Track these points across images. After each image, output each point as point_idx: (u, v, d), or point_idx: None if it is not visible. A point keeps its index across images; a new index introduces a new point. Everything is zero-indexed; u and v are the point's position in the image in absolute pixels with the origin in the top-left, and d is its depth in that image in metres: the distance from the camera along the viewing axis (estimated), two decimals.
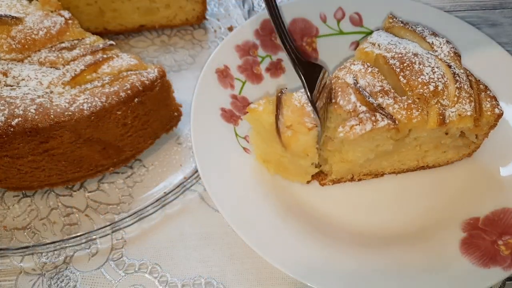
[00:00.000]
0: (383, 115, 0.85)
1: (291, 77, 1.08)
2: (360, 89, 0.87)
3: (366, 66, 0.92)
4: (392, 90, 0.89)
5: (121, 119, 0.94)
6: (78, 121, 0.88)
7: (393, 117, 0.85)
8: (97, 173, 1.02)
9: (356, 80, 0.89)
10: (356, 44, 1.21)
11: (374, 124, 0.84)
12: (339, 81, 0.90)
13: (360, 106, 0.86)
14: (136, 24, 1.29)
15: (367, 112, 0.86)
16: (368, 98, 0.86)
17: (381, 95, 0.88)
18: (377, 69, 0.92)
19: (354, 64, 0.93)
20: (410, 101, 0.88)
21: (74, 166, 0.98)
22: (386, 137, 0.90)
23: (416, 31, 1.01)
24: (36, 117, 0.85)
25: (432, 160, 1.05)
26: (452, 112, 0.89)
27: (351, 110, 0.86)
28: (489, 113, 0.92)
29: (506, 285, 0.95)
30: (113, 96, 0.90)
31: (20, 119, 0.85)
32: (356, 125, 0.85)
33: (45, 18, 0.98)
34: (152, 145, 1.08)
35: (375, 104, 0.85)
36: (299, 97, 0.89)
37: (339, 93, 0.88)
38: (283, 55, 1.18)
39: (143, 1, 1.23)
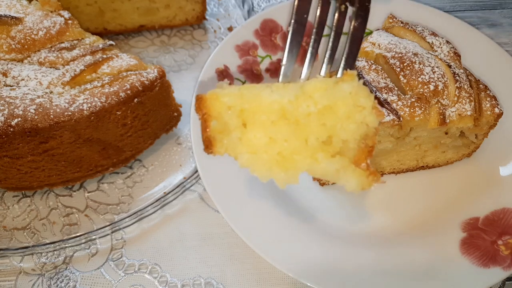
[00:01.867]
0: (389, 110, 0.85)
1: None
2: (367, 84, 0.88)
3: (369, 63, 0.93)
4: (396, 88, 0.90)
5: (120, 119, 0.94)
6: (78, 121, 0.88)
7: (398, 113, 0.86)
8: (96, 173, 1.02)
9: (361, 75, 0.90)
10: None
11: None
12: None
13: None
14: (136, 24, 1.29)
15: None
16: (375, 93, 0.86)
17: (385, 91, 0.88)
18: (380, 67, 0.93)
19: (358, 60, 0.94)
20: (413, 100, 0.88)
21: (73, 166, 0.98)
22: (388, 134, 0.90)
23: (416, 31, 1.01)
24: (36, 117, 0.85)
25: (432, 160, 1.05)
26: (452, 111, 0.89)
27: None
28: (489, 112, 0.92)
29: (506, 285, 0.95)
30: (113, 96, 0.90)
31: (19, 119, 0.85)
32: None
33: (44, 18, 0.98)
34: (152, 145, 1.08)
35: (381, 99, 0.86)
36: None
37: None
38: (282, 55, 1.17)
39: (143, 1, 1.23)
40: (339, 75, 0.70)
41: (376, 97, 0.87)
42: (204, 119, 0.62)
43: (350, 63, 0.71)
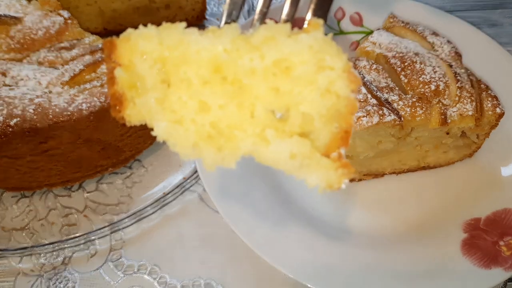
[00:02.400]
0: (390, 110, 0.85)
1: None
2: (368, 83, 0.87)
3: (370, 63, 0.93)
4: (397, 88, 0.90)
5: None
6: (77, 121, 0.87)
7: (399, 113, 0.85)
8: (96, 173, 1.02)
9: (362, 75, 0.90)
10: (357, 44, 1.21)
11: (381, 118, 0.84)
12: None
13: (371, 99, 0.86)
14: (136, 24, 1.27)
15: (375, 105, 0.86)
16: (376, 93, 0.86)
17: (386, 91, 0.88)
18: (381, 66, 0.92)
19: (358, 60, 0.94)
20: (414, 99, 0.88)
21: (73, 167, 0.97)
22: (389, 133, 0.90)
23: (417, 30, 1.01)
24: (35, 117, 0.85)
25: (433, 161, 1.04)
26: (454, 111, 0.89)
27: (362, 100, 0.86)
28: (490, 112, 0.92)
29: (508, 286, 0.95)
30: None
31: (18, 119, 0.84)
32: (363, 116, 0.85)
33: (44, 18, 0.97)
34: (151, 145, 1.07)
35: (382, 99, 0.86)
36: None
37: None
38: None
39: (143, 1, 1.22)
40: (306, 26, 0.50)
41: (376, 97, 0.87)
42: (111, 69, 0.47)
43: (321, 13, 0.51)
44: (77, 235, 0.95)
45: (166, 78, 0.47)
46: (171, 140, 0.49)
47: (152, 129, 0.49)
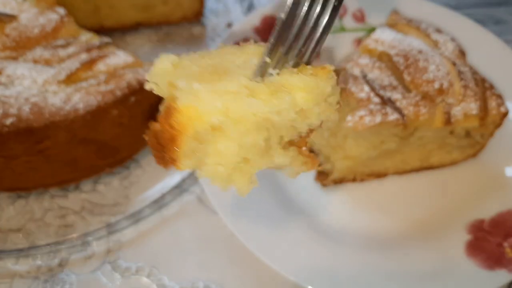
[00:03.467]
0: (393, 109, 0.84)
1: None
2: (370, 82, 0.86)
3: (373, 61, 0.91)
4: (400, 86, 0.88)
5: (117, 118, 0.92)
6: (74, 121, 0.86)
7: (402, 112, 0.84)
8: (93, 173, 1.01)
9: (364, 73, 0.88)
10: (359, 41, 1.19)
11: (384, 117, 0.83)
12: (348, 72, 0.89)
13: (374, 97, 0.85)
14: (133, 20, 1.27)
15: (378, 104, 0.84)
16: (379, 91, 0.85)
17: (389, 89, 0.87)
18: (384, 64, 0.91)
19: (361, 58, 0.92)
20: (417, 98, 0.86)
21: (69, 167, 0.96)
22: (392, 133, 0.89)
23: (421, 28, 0.99)
24: (31, 116, 0.84)
25: (436, 161, 1.03)
26: (458, 111, 0.88)
27: (364, 99, 0.85)
28: (494, 112, 0.90)
29: None
30: (109, 95, 0.88)
31: (14, 118, 0.83)
32: (366, 116, 0.83)
33: (40, 15, 0.96)
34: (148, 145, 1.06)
35: (385, 97, 0.84)
36: None
37: (350, 80, 0.87)
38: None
39: None
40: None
41: (379, 95, 0.85)
42: (172, 137, 0.49)
43: (313, 57, 0.57)
44: (74, 236, 0.94)
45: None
46: (212, 178, 0.53)
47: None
